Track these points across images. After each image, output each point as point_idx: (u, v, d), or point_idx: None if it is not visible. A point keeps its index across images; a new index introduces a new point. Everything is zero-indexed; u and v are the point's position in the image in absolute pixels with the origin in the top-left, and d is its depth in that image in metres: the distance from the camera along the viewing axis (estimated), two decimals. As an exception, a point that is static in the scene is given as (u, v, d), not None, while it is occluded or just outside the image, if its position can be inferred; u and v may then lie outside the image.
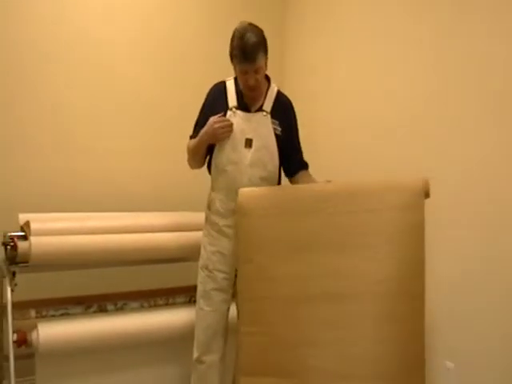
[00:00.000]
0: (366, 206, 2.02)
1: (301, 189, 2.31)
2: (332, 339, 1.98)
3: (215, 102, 2.40)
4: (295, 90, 2.82)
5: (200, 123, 2.43)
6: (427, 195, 1.98)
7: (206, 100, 2.45)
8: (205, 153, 2.44)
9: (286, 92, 2.53)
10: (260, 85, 2.35)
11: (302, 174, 2.50)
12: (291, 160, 2.48)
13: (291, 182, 2.53)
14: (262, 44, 2.26)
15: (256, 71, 2.27)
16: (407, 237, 1.96)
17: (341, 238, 2.02)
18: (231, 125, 2.31)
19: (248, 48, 2.20)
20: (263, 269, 2.12)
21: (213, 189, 2.45)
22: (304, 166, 2.52)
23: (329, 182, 2.29)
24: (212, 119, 2.31)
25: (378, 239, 1.98)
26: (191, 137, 2.47)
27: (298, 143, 2.54)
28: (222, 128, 2.30)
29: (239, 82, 2.37)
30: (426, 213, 2.00)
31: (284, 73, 3.55)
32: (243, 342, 2.15)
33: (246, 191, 2.25)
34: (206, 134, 2.35)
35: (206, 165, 2.50)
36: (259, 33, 2.26)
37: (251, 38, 2.21)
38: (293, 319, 2.03)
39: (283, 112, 2.45)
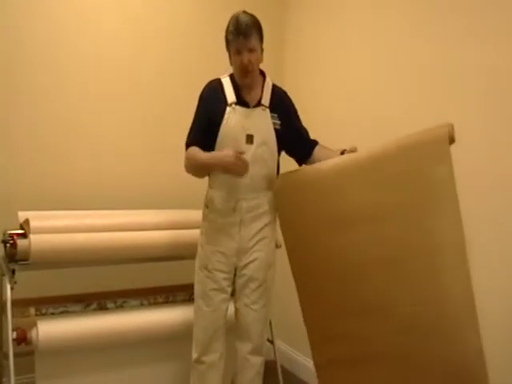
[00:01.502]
0: (392, 169, 2.00)
1: (335, 163, 2.23)
2: (386, 304, 2.03)
3: (212, 99, 2.38)
4: (295, 89, 2.81)
5: (197, 124, 2.40)
6: (452, 141, 1.88)
7: (202, 99, 2.42)
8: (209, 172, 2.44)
9: (286, 90, 2.53)
10: (254, 69, 2.34)
11: (317, 149, 2.47)
12: (301, 143, 2.45)
13: (311, 162, 2.46)
14: (256, 25, 2.31)
15: (250, 50, 2.29)
16: (437, 192, 1.91)
17: (380, 208, 2.03)
18: (248, 165, 2.26)
19: (242, 25, 2.26)
20: (311, 244, 2.23)
21: (211, 186, 2.43)
22: (315, 142, 2.50)
23: (352, 150, 2.25)
24: (234, 152, 2.24)
25: (407, 204, 1.97)
26: (189, 143, 2.39)
27: (302, 126, 2.53)
28: (240, 166, 2.24)
29: (234, 67, 2.37)
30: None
31: (284, 72, 3.54)
32: (304, 314, 2.31)
33: (283, 176, 2.37)
34: (220, 163, 2.29)
35: None
36: (254, 16, 2.33)
37: (245, 17, 2.29)
38: (350, 287, 2.12)
39: (281, 103, 2.44)
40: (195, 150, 2.36)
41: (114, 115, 3.07)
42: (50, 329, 2.45)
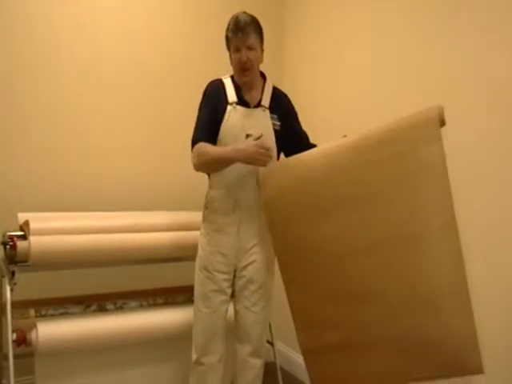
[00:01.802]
0: (378, 156, 2.00)
1: (318, 153, 2.25)
2: (374, 289, 2.03)
3: (215, 97, 2.38)
4: (294, 90, 2.81)
5: (203, 121, 2.38)
6: (442, 123, 1.90)
7: (205, 96, 2.43)
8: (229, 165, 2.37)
9: (285, 91, 2.54)
10: (253, 67, 2.36)
11: None
12: (300, 146, 2.40)
13: None
14: (255, 23, 2.34)
15: (249, 47, 2.31)
16: (429, 174, 1.93)
17: (363, 191, 2.04)
18: (271, 156, 2.27)
19: (241, 22, 2.30)
20: (295, 232, 2.20)
21: (211, 187, 2.44)
22: (314, 146, 2.45)
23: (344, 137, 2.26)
24: (255, 142, 2.24)
25: (398, 183, 1.97)
26: (196, 141, 2.35)
27: (302, 130, 2.54)
28: (263, 155, 2.22)
29: (233, 65, 2.39)
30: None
31: (283, 73, 3.55)
32: (290, 301, 2.25)
33: (265, 168, 2.28)
34: (243, 153, 2.24)
35: None
36: (253, 16, 2.36)
37: (245, 16, 2.32)
38: (340, 275, 2.10)
39: (281, 104, 2.46)
40: (206, 146, 2.32)
41: (114, 117, 3.08)
42: (49, 330, 2.45)
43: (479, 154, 2.28)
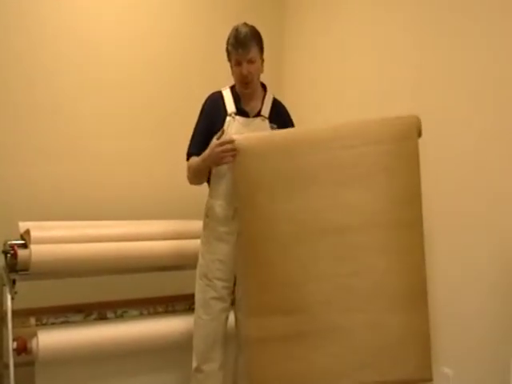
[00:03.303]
0: (361, 140, 2.05)
1: (297, 130, 2.31)
2: (333, 273, 2.00)
3: (213, 111, 2.41)
4: (295, 99, 2.84)
5: (198, 135, 2.43)
6: (419, 134, 2.05)
7: (203, 110, 2.46)
8: (207, 173, 2.42)
9: (285, 98, 2.56)
10: (253, 79, 2.38)
11: None
12: None
13: None
14: (255, 36, 2.36)
15: (249, 61, 2.33)
16: (403, 167, 2.03)
17: (338, 172, 2.04)
18: (234, 149, 2.17)
19: (241, 36, 2.31)
20: (263, 208, 2.09)
21: (211, 196, 2.46)
22: None
23: None
24: (213, 143, 2.24)
25: (374, 171, 2.03)
26: (190, 154, 2.43)
27: None
28: (224, 152, 2.17)
29: (234, 77, 2.41)
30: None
31: (283, 82, 3.57)
32: (245, 283, 2.14)
33: (242, 136, 2.20)
34: (208, 158, 2.27)
35: None
36: (253, 28, 2.37)
37: (245, 29, 2.34)
38: (295, 256, 2.04)
39: (281, 116, 2.49)
40: (193, 159, 2.41)
41: (114, 126, 3.10)
42: (50, 339, 2.45)
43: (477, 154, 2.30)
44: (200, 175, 2.43)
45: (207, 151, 2.28)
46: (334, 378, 2.00)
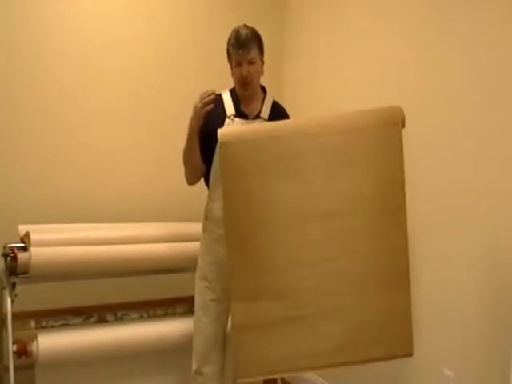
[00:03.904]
0: (347, 127, 2.10)
1: (282, 122, 2.35)
2: (319, 258, 2.04)
3: (213, 112, 2.42)
4: (295, 101, 2.84)
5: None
6: (403, 124, 2.10)
7: None
8: (199, 157, 2.44)
9: (285, 102, 2.57)
10: (253, 80, 2.40)
11: None
12: None
13: None
14: (256, 37, 2.38)
15: (249, 62, 2.34)
16: (386, 154, 2.08)
17: (324, 159, 2.07)
18: (212, 93, 2.30)
19: (242, 37, 2.33)
20: (250, 193, 2.09)
21: (211, 198, 2.46)
22: None
23: None
24: (194, 103, 2.34)
25: (359, 156, 2.07)
26: None
27: None
28: (202, 101, 2.30)
29: (234, 79, 2.42)
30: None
31: (283, 84, 3.58)
32: (233, 269, 2.11)
33: (225, 128, 2.29)
34: (191, 120, 2.37)
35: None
36: (254, 29, 2.39)
37: (245, 30, 2.36)
38: (282, 242, 2.06)
39: (280, 119, 2.48)
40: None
41: (115, 129, 3.10)
42: (50, 341, 2.46)
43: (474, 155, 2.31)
44: (191, 154, 2.44)
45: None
46: (320, 359, 2.06)
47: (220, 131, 2.10)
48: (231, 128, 2.31)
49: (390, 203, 2.08)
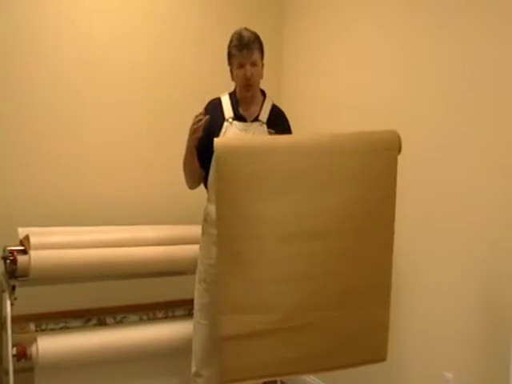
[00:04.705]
0: (341, 148, 2.14)
1: (279, 137, 2.35)
2: (305, 275, 2.10)
3: (212, 116, 2.42)
4: (292, 107, 2.85)
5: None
6: (399, 150, 2.16)
7: None
8: (198, 166, 2.47)
9: (284, 103, 2.57)
10: (256, 83, 2.41)
11: None
12: None
13: None
14: (258, 40, 2.40)
15: (252, 64, 2.36)
16: (379, 178, 2.14)
17: (316, 179, 2.10)
18: (201, 119, 2.32)
19: (245, 39, 2.35)
20: (241, 207, 2.10)
21: (209, 201, 2.46)
22: None
23: None
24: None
25: (352, 179, 2.12)
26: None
27: None
28: (195, 123, 2.33)
29: (236, 80, 2.44)
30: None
31: (282, 86, 3.58)
32: (222, 282, 2.13)
33: (222, 138, 2.32)
34: (188, 139, 2.40)
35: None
36: (255, 33, 2.41)
37: (248, 32, 2.38)
38: (270, 257, 2.09)
39: (279, 122, 2.50)
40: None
41: (114, 133, 3.10)
42: (49, 344, 2.46)
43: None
44: (189, 161, 2.46)
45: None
46: (302, 368, 2.19)
47: (216, 141, 2.09)
48: (229, 139, 2.33)
49: (378, 225, 2.15)
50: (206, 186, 2.51)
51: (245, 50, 2.34)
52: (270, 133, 2.44)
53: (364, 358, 2.22)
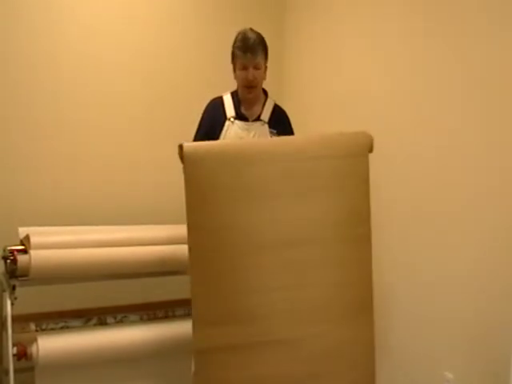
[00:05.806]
0: (315, 154, 2.09)
1: (252, 141, 2.33)
2: (281, 285, 2.01)
3: (213, 115, 2.44)
4: (293, 106, 2.84)
5: (198, 140, 2.44)
6: (371, 150, 2.14)
7: (204, 115, 2.49)
8: None
9: (285, 103, 2.57)
10: (258, 85, 2.41)
11: None
12: None
13: None
14: (262, 42, 2.39)
15: (255, 67, 2.35)
16: (352, 183, 2.10)
17: (290, 185, 2.05)
18: None
19: (250, 41, 2.34)
20: (213, 216, 2.03)
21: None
22: None
23: None
24: None
25: (327, 184, 2.08)
26: None
27: None
28: None
29: (238, 81, 2.44)
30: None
31: (283, 87, 3.58)
32: (194, 293, 2.08)
33: (190, 144, 2.12)
34: None
35: None
36: (260, 34, 2.41)
37: (253, 34, 2.37)
38: (242, 268, 2.01)
39: (281, 122, 2.51)
40: None
41: (114, 132, 3.11)
42: (50, 344, 2.45)
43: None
44: None
45: None
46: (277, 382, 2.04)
47: (185, 146, 1.99)
48: (199, 143, 2.24)
49: (355, 232, 2.08)
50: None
51: (249, 52, 2.34)
52: (271, 132, 2.44)
53: (348, 380, 2.10)
